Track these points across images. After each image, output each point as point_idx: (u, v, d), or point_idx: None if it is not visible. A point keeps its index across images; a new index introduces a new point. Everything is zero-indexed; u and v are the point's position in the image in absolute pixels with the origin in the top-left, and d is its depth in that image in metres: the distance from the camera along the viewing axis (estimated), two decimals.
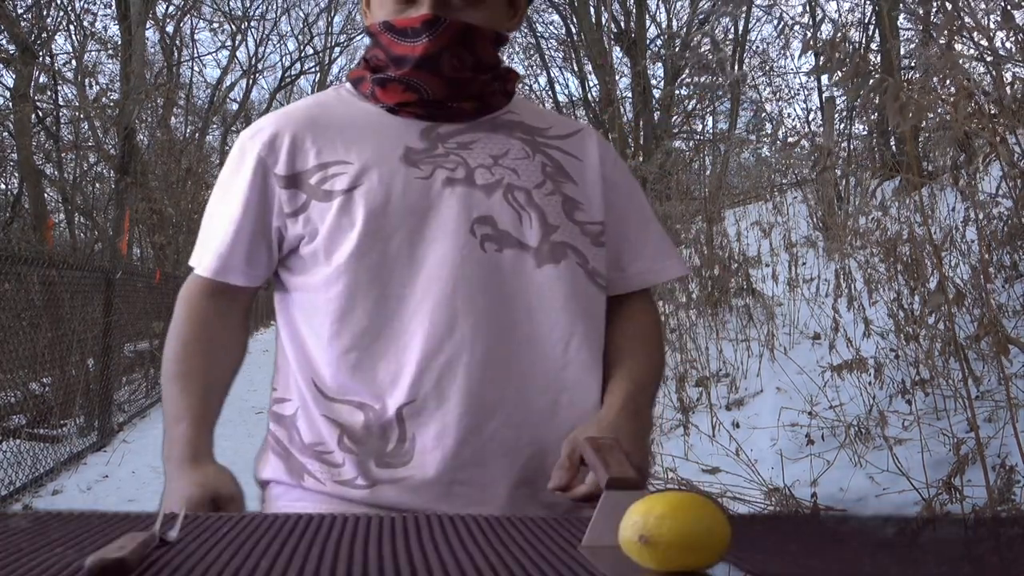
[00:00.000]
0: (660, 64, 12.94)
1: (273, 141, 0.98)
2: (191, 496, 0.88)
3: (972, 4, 2.93)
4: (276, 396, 1.05)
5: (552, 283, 0.97)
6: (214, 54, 35.95)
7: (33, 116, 9.41)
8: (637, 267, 1.09)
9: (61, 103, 10.65)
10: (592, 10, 10.87)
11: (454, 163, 0.97)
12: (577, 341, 0.98)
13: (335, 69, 30.73)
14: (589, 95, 11.74)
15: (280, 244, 1.00)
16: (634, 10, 11.31)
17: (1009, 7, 2.57)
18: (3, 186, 10.99)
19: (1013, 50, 3.14)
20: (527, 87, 14.35)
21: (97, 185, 11.45)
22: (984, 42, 3.08)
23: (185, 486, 0.90)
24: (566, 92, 13.76)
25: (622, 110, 9.72)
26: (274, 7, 23.51)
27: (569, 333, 0.98)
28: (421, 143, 0.98)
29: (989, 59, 3.29)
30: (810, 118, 10.05)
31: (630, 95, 11.48)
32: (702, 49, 10.28)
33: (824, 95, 9.74)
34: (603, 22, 11.10)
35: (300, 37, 27.22)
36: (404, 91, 0.98)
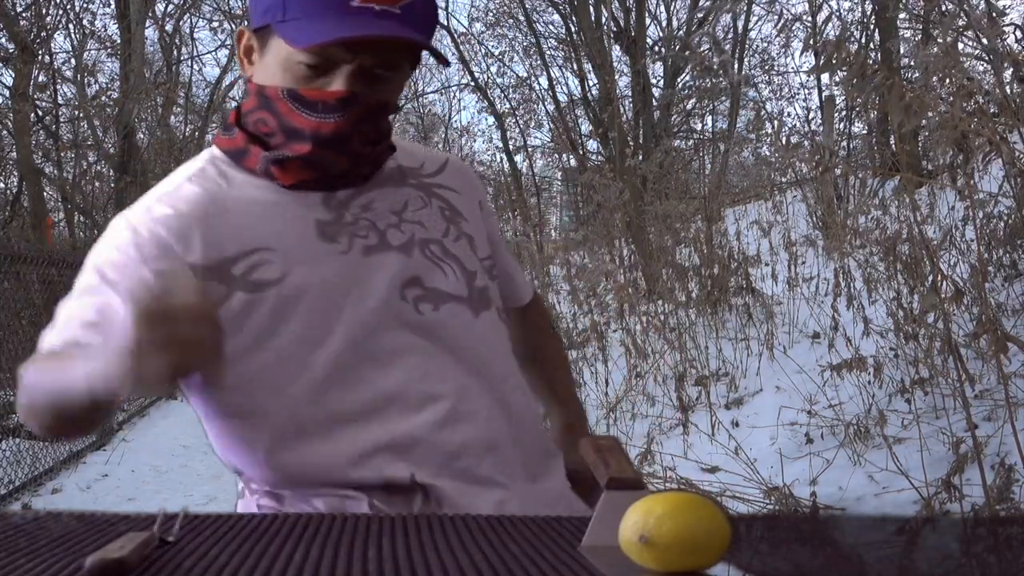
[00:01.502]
0: (660, 64, 12.95)
1: (179, 224, 0.89)
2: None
3: (972, 3, 2.93)
4: None
5: (493, 328, 0.99)
6: (214, 53, 35.96)
7: (32, 115, 9.41)
8: (518, 282, 1.17)
9: (60, 102, 10.65)
10: (592, 9, 10.86)
11: (364, 229, 0.93)
12: (517, 378, 1.03)
13: None
14: (589, 95, 11.73)
15: None
16: (634, 9, 11.30)
17: (995, 14, 2.58)
18: (2, 185, 10.99)
19: (1010, 50, 3.14)
20: (527, 87, 14.36)
21: (96, 184, 11.44)
22: (984, 41, 3.09)
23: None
24: (566, 92, 13.73)
25: (622, 109, 9.72)
26: None
27: (515, 372, 1.03)
28: (328, 214, 0.93)
29: (989, 58, 3.29)
30: (810, 117, 10.05)
31: (630, 94, 11.48)
32: (702, 49, 10.28)
33: (824, 94, 9.75)
34: (603, 21, 11.10)
35: None
36: (303, 168, 0.91)
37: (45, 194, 9.69)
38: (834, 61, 2.46)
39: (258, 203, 0.92)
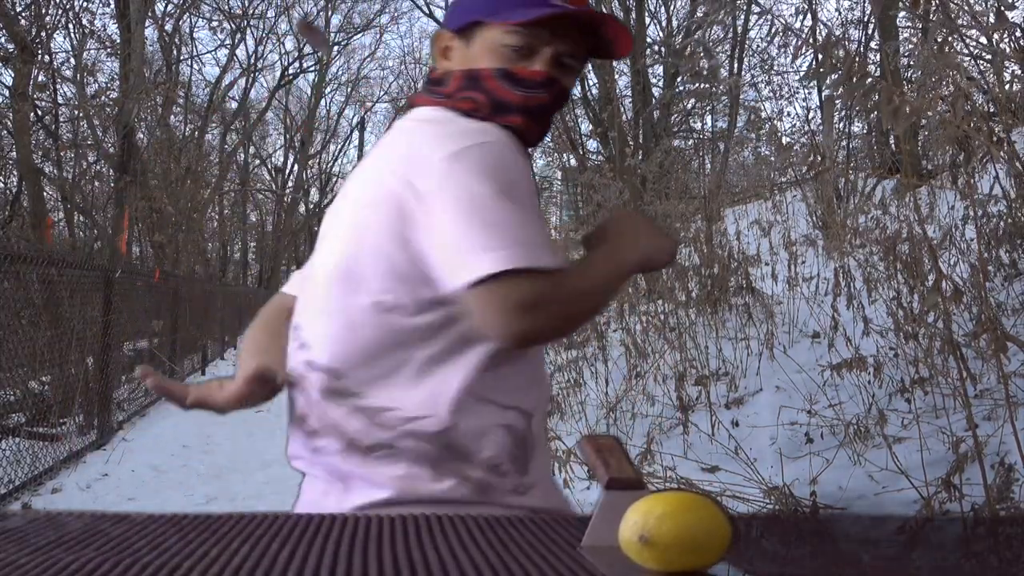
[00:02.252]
0: (660, 65, 12.94)
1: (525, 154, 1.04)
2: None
3: (971, 2, 2.93)
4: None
5: None
6: (213, 53, 35.97)
7: (32, 115, 9.40)
8: None
9: (60, 102, 10.64)
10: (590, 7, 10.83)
11: None
12: None
13: (334, 68, 30.75)
14: (589, 94, 11.75)
15: None
16: (634, 8, 11.30)
17: (1003, 8, 2.57)
18: (2, 185, 10.98)
19: (1008, 51, 3.14)
20: None
21: (96, 184, 11.44)
22: (983, 40, 3.08)
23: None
24: None
25: (622, 109, 9.72)
26: (273, 6, 23.47)
27: None
28: None
29: (988, 58, 3.29)
30: (809, 117, 10.05)
31: (630, 94, 11.49)
32: (695, 56, 10.27)
33: (823, 94, 9.74)
34: None
35: (299, 36, 27.23)
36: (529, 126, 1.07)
37: (45, 194, 9.67)
38: (822, 70, 2.46)
39: None
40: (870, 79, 2.35)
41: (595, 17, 1.05)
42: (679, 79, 11.64)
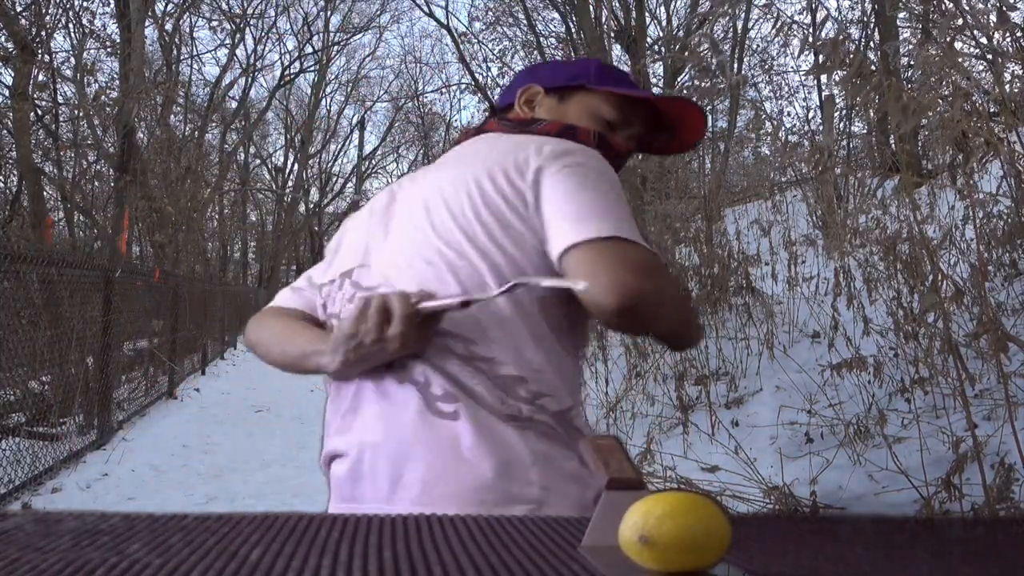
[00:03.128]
0: (660, 63, 12.93)
1: None
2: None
3: (971, 2, 2.93)
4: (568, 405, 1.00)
5: None
6: (213, 52, 35.96)
7: (32, 114, 9.40)
8: None
9: (60, 101, 10.64)
10: (592, 8, 10.84)
11: None
12: None
13: (334, 68, 30.74)
14: None
15: None
16: (634, 8, 11.30)
17: (1004, 8, 2.57)
18: (2, 184, 10.97)
19: (1010, 50, 3.13)
20: None
21: (96, 183, 11.43)
22: (984, 40, 3.08)
23: None
24: None
25: None
26: (273, 6, 23.46)
27: None
28: None
29: (989, 58, 3.29)
30: (810, 116, 10.05)
31: None
32: (701, 51, 10.27)
33: (824, 94, 9.74)
34: (603, 20, 11.09)
35: (299, 36, 27.24)
36: None
37: (45, 193, 9.67)
38: (830, 63, 2.46)
39: None
40: (878, 75, 2.35)
41: (688, 108, 1.19)
42: (680, 78, 11.64)
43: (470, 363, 0.93)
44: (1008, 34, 2.96)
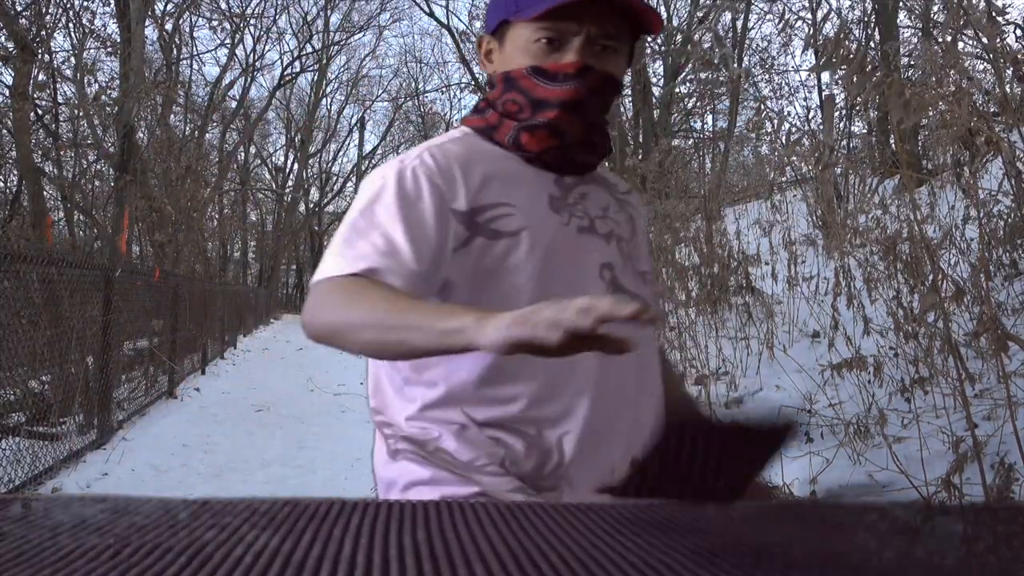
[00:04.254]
0: (660, 62, 12.93)
1: (447, 174, 1.01)
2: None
3: (972, 2, 2.93)
4: (419, 426, 1.03)
5: (649, 334, 1.10)
6: (213, 52, 35.99)
7: (32, 114, 9.40)
8: None
9: (60, 101, 10.64)
10: None
11: (580, 212, 1.07)
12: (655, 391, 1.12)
13: (334, 67, 30.73)
14: None
15: (440, 276, 0.99)
16: None
17: (994, 13, 2.58)
18: (2, 184, 10.97)
19: (1013, 47, 3.13)
20: None
21: (96, 183, 11.43)
22: (985, 40, 3.08)
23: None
24: None
25: (621, 108, 9.71)
26: (272, 5, 23.45)
27: (654, 372, 1.12)
28: (557, 191, 1.07)
29: (989, 57, 3.29)
30: (810, 116, 10.05)
31: (630, 93, 11.48)
32: (704, 45, 10.28)
33: (824, 93, 9.73)
34: None
35: (299, 35, 27.24)
36: (550, 136, 1.05)
37: (45, 193, 9.67)
38: (834, 60, 2.46)
39: (505, 168, 1.06)
40: (880, 72, 2.35)
41: (589, 8, 1.00)
42: (681, 76, 11.64)
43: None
44: (1001, 38, 2.96)
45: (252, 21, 22.10)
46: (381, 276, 0.92)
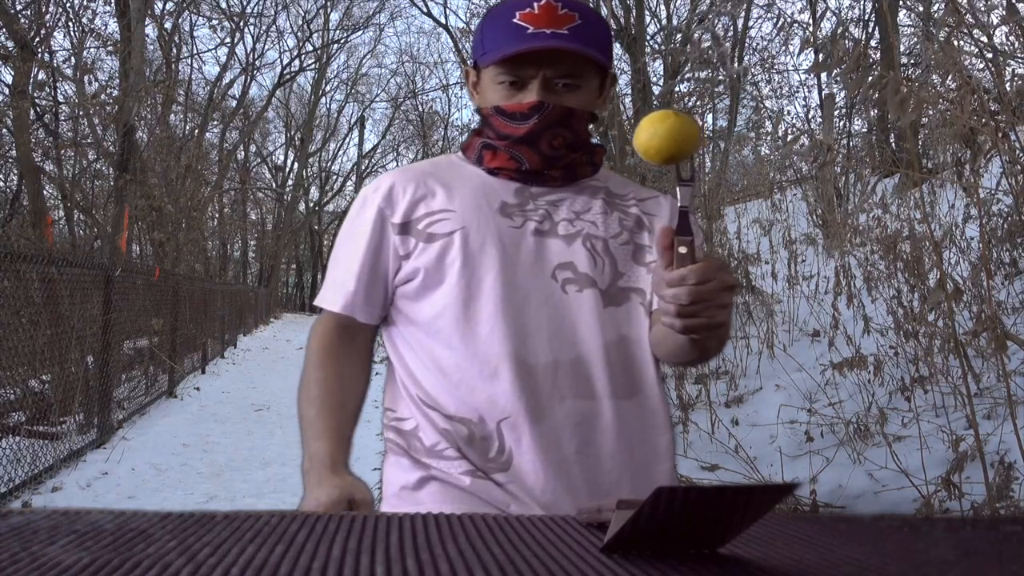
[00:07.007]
0: (660, 61, 12.92)
1: (390, 193, 1.15)
2: (331, 497, 1.00)
3: (972, 1, 2.93)
4: (395, 416, 1.15)
5: (612, 320, 1.12)
6: (213, 51, 35.92)
7: (32, 113, 9.39)
8: None
9: (60, 100, 10.63)
10: (591, 6, 10.81)
11: (541, 217, 1.13)
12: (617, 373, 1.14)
13: (334, 66, 30.73)
14: None
15: (393, 285, 1.15)
16: (634, 7, 11.29)
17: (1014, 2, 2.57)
18: (2, 183, 10.97)
19: (1016, 45, 3.13)
20: None
21: (96, 182, 11.42)
22: (984, 39, 3.08)
23: (326, 490, 1.02)
24: None
25: (621, 107, 9.70)
26: (272, 4, 23.44)
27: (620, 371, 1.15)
28: (515, 199, 1.14)
29: (990, 55, 3.29)
30: (810, 115, 10.04)
31: (630, 92, 11.46)
32: (703, 45, 10.26)
33: (824, 92, 9.74)
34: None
35: (299, 34, 27.23)
36: (507, 160, 1.14)
37: (45, 192, 9.66)
38: (830, 60, 2.46)
39: (466, 179, 1.16)
40: (878, 70, 2.35)
41: (556, 53, 1.07)
42: (681, 72, 11.62)
43: None
44: (1015, 29, 2.95)
45: (252, 20, 22.09)
46: (353, 315, 1.14)
